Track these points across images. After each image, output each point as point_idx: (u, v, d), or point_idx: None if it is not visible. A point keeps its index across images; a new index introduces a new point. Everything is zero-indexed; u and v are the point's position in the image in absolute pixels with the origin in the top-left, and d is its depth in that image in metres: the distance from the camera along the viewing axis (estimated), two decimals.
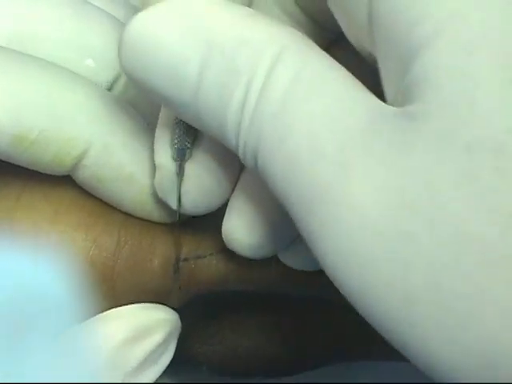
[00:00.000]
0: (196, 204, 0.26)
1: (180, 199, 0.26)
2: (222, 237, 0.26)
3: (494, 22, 0.18)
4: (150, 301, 0.27)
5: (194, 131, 0.25)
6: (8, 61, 0.25)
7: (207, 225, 0.28)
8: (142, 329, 0.26)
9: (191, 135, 0.25)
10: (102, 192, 0.27)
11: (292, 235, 0.26)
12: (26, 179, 0.27)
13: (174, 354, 0.27)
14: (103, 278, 0.26)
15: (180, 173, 0.25)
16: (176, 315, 0.28)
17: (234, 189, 0.26)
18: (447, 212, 0.18)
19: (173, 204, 0.26)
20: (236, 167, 0.26)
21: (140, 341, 0.26)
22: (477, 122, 0.18)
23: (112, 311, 0.27)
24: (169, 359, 0.27)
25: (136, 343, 0.26)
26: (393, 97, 0.20)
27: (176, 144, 0.25)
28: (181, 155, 0.25)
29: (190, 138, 0.25)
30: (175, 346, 0.27)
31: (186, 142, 0.25)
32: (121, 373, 0.25)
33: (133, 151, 0.26)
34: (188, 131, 0.25)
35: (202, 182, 0.25)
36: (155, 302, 0.27)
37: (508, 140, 0.17)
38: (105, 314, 0.26)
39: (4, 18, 0.27)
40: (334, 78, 0.20)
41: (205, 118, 0.22)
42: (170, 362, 0.27)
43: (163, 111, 0.25)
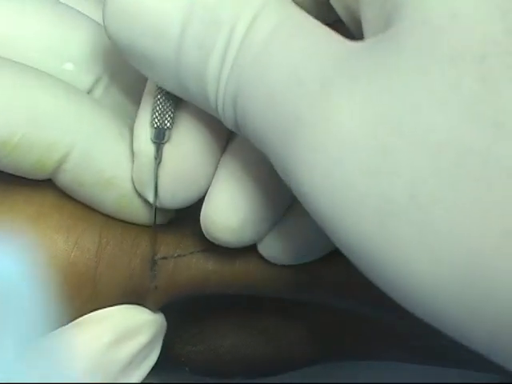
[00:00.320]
0: (173, 192, 0.26)
1: (157, 187, 0.26)
2: (201, 225, 0.26)
3: None
4: (132, 301, 0.27)
5: (174, 110, 0.25)
6: None
7: (188, 225, 0.28)
8: (127, 330, 0.26)
9: (171, 113, 0.25)
10: (83, 195, 0.26)
11: (272, 219, 0.26)
12: (7, 183, 0.27)
13: None
14: (85, 280, 0.26)
15: (158, 156, 0.25)
16: (161, 315, 0.27)
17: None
18: (430, 124, 0.18)
19: (150, 197, 0.26)
20: (216, 156, 0.26)
21: (125, 342, 0.26)
22: (459, 33, 0.18)
23: (95, 313, 0.26)
24: (155, 359, 0.27)
25: (121, 345, 0.26)
26: (372, 35, 0.20)
27: (156, 123, 0.25)
28: (160, 136, 0.25)
29: (170, 116, 0.25)
30: (161, 346, 0.27)
31: (166, 120, 0.25)
32: (107, 375, 0.25)
33: (113, 155, 0.26)
34: (168, 109, 0.25)
35: (179, 166, 0.25)
36: (137, 303, 0.27)
37: (491, 48, 0.18)
38: (88, 316, 0.26)
39: None
40: (315, 26, 0.21)
41: (185, 77, 0.22)
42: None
43: (146, 91, 0.26)
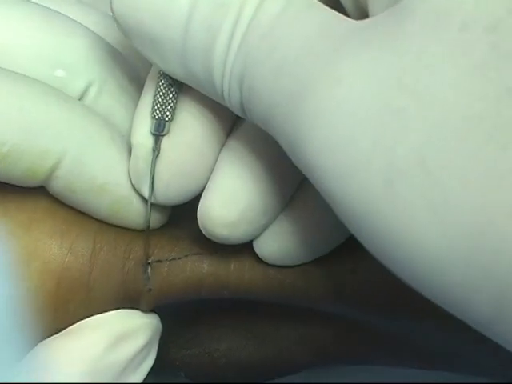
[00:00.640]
0: (170, 185, 0.25)
1: (153, 180, 0.25)
2: (198, 220, 0.26)
3: None
4: (126, 305, 0.27)
5: (175, 103, 0.25)
6: None
7: (183, 228, 0.28)
8: (123, 335, 0.26)
9: (173, 105, 0.25)
10: (76, 202, 0.26)
11: (271, 212, 0.26)
12: None
13: None
14: (79, 285, 0.26)
15: (156, 148, 0.25)
16: (156, 318, 0.27)
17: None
18: (440, 87, 0.18)
19: (146, 192, 0.26)
20: (215, 151, 0.26)
21: (122, 346, 0.26)
22: (471, 1, 0.18)
23: (91, 319, 0.26)
24: (151, 363, 0.27)
25: (118, 350, 0.26)
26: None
27: (157, 115, 0.25)
28: (159, 128, 0.25)
29: (171, 108, 0.25)
30: (157, 349, 0.27)
31: (168, 111, 0.25)
32: (105, 380, 0.25)
33: (105, 161, 0.26)
34: (169, 101, 0.25)
35: (178, 159, 0.25)
36: (131, 307, 0.27)
37: (503, 16, 0.18)
38: (84, 322, 0.26)
39: None
40: (323, 7, 0.21)
41: (192, 60, 0.22)
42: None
43: (147, 83, 0.26)
